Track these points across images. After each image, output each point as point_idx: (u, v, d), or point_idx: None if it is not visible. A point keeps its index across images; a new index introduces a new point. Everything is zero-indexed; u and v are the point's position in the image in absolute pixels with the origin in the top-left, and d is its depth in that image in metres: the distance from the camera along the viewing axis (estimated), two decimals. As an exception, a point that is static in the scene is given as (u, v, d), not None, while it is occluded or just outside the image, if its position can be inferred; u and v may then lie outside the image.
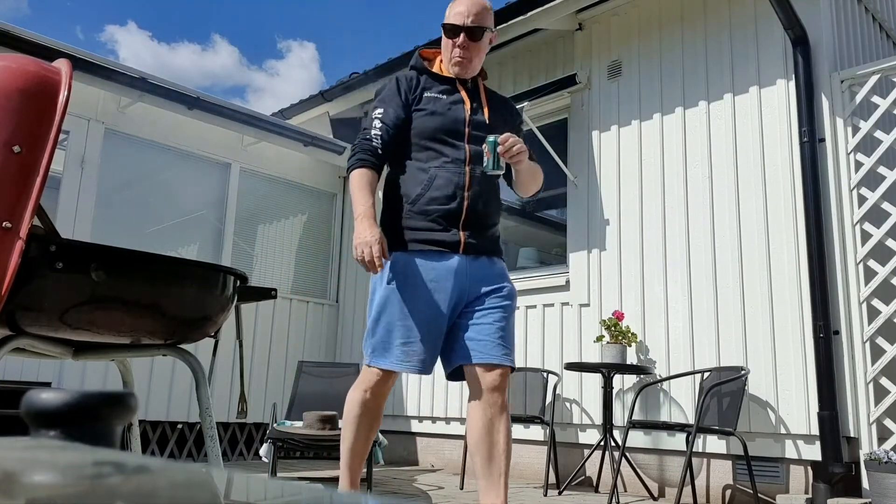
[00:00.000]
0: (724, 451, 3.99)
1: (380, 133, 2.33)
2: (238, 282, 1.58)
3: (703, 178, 4.33)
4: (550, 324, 4.93)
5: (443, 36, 2.43)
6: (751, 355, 3.94)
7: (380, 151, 2.32)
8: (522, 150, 2.27)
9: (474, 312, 2.24)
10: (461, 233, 2.28)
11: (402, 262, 2.25)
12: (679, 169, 4.45)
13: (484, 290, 2.26)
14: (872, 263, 3.72)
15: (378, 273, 2.21)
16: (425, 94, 2.39)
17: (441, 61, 2.49)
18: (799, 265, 3.85)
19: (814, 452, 3.65)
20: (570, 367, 4.33)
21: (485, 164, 2.26)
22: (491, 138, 2.28)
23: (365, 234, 2.15)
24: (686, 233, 4.34)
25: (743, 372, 3.76)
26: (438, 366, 2.28)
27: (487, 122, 2.39)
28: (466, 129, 2.35)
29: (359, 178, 2.28)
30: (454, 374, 2.29)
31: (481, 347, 2.19)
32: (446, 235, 2.27)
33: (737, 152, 4.22)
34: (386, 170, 2.41)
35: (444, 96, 2.41)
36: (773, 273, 3.95)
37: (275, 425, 4.20)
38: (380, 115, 2.35)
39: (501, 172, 2.29)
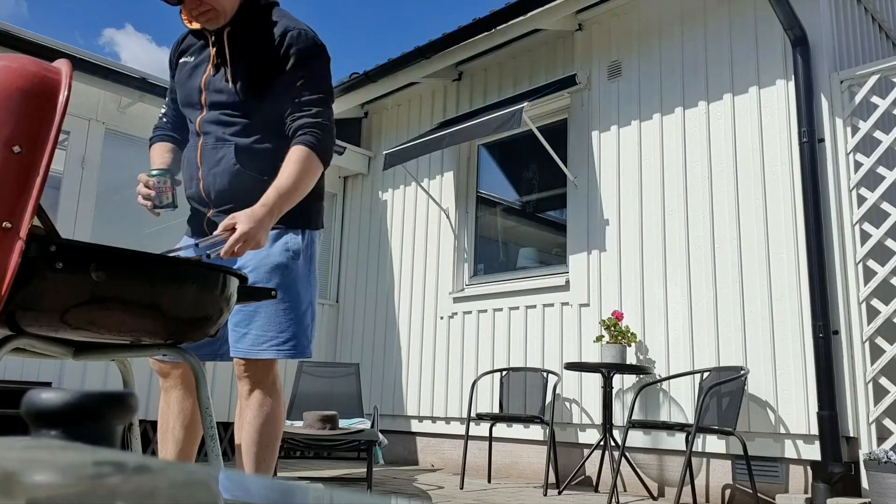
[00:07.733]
0: (724, 451, 3.99)
1: None
2: (238, 282, 1.58)
3: (702, 178, 4.33)
4: (550, 324, 4.93)
5: None
6: (750, 355, 3.94)
7: None
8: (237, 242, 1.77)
9: None
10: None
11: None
12: (679, 169, 4.45)
13: None
14: (872, 263, 3.73)
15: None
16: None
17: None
18: (798, 265, 3.86)
19: (813, 452, 3.66)
20: (570, 366, 4.33)
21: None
22: (155, 171, 2.00)
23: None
24: (685, 233, 4.34)
25: (742, 372, 3.76)
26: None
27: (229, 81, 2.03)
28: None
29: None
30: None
31: None
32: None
33: (736, 152, 4.22)
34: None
35: (192, 58, 2.14)
36: (773, 273, 3.95)
37: (275, 425, 4.20)
38: None
39: (169, 208, 2.03)
